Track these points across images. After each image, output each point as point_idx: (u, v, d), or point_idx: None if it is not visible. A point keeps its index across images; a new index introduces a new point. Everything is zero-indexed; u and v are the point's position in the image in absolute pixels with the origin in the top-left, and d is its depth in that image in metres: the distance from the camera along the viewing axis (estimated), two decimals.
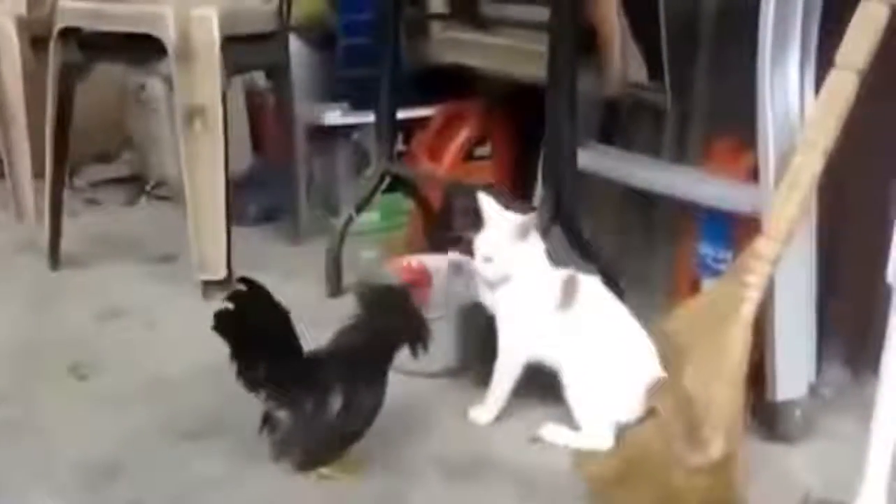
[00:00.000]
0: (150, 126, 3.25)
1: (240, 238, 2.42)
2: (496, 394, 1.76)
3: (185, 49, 2.23)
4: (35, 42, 2.86)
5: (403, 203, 2.69)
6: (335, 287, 2.37)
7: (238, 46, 2.32)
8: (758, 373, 1.64)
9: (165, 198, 3.19)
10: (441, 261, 2.17)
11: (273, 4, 2.55)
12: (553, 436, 1.71)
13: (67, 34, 2.40)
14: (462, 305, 1.94)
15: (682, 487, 1.46)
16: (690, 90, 2.07)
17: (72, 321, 2.25)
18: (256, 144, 3.16)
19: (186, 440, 1.72)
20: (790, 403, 1.69)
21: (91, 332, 2.18)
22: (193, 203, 2.31)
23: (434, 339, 1.77)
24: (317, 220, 2.79)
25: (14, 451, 1.71)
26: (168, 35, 2.22)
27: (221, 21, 2.25)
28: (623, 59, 2.10)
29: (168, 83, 2.33)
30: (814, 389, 1.72)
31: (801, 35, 1.60)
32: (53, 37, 2.41)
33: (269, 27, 2.53)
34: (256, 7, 2.57)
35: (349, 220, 2.38)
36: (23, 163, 2.92)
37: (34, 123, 2.73)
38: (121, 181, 3.36)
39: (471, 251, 2.21)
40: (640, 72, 2.11)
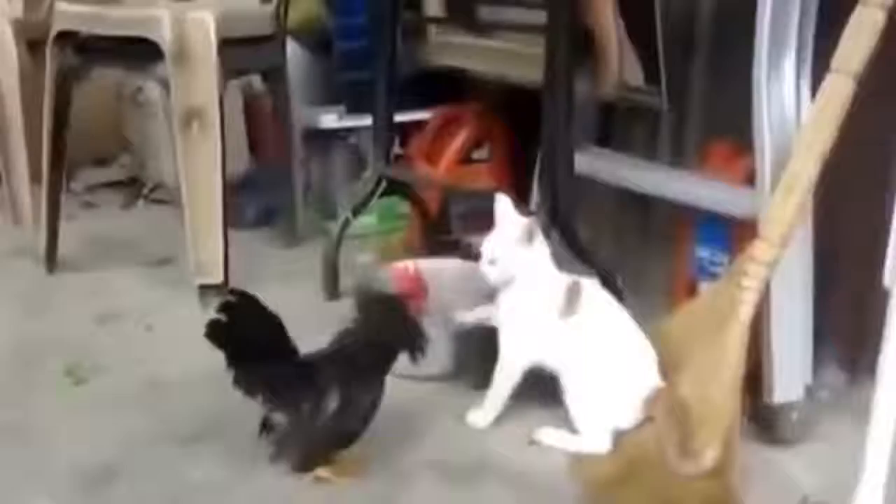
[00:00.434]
0: (148, 129, 3.25)
1: (237, 241, 2.42)
2: (494, 398, 1.76)
3: (182, 52, 2.23)
4: (32, 46, 2.87)
5: (400, 206, 2.69)
6: (332, 290, 2.37)
7: (234, 49, 2.32)
8: (755, 375, 1.64)
9: (163, 201, 3.19)
10: (439, 264, 2.18)
11: (269, 7, 2.55)
12: (550, 439, 1.71)
13: (64, 38, 2.40)
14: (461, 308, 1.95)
15: (680, 492, 1.46)
16: (687, 93, 2.08)
17: (69, 324, 2.25)
18: (254, 148, 3.16)
19: (184, 443, 1.72)
20: (787, 406, 1.69)
21: (88, 336, 2.18)
22: (190, 206, 2.30)
23: (431, 343, 1.78)
24: (314, 224, 2.79)
25: (11, 454, 1.70)
26: (164, 38, 2.22)
27: (218, 24, 2.25)
28: (619, 62, 2.11)
29: (165, 86, 2.32)
30: (811, 392, 1.72)
31: (798, 39, 1.61)
32: (50, 40, 2.41)
33: (266, 30, 2.53)
34: (253, 10, 2.57)
35: (346, 224, 2.38)
36: (20, 166, 2.92)
37: (31, 127, 2.72)
38: (118, 185, 3.35)
39: (467, 255, 2.22)
40: (637, 75, 2.11)
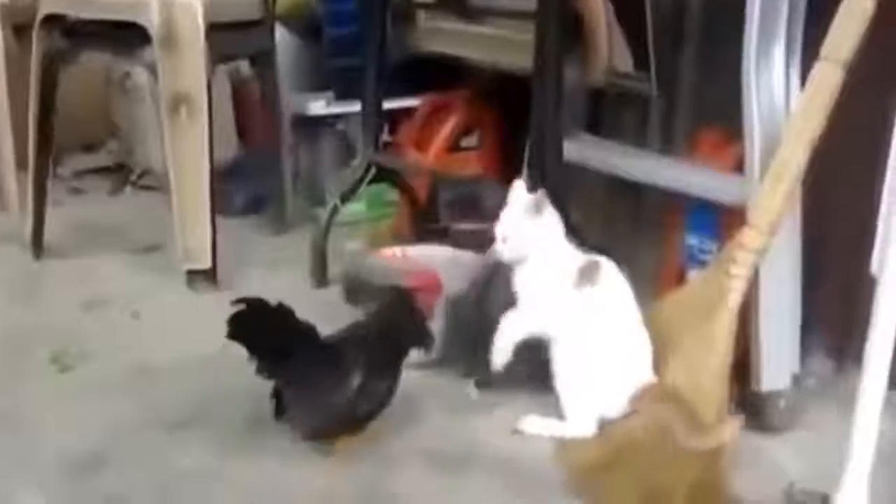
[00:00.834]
0: (136, 115, 3.24)
1: (225, 228, 2.41)
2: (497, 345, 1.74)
3: (169, 36, 2.22)
4: (18, 30, 2.85)
5: (389, 194, 2.68)
6: (320, 277, 2.36)
7: (223, 34, 2.31)
8: (743, 363, 1.65)
9: (151, 187, 3.18)
10: (427, 251, 2.18)
11: None
12: (534, 427, 1.71)
13: (51, 21, 2.39)
14: (451, 297, 1.94)
15: (668, 478, 1.46)
16: (677, 80, 2.07)
17: (55, 311, 2.24)
18: (242, 134, 3.15)
19: (171, 430, 1.72)
20: (775, 394, 1.70)
21: (75, 322, 2.17)
22: (178, 192, 2.29)
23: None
24: (302, 211, 2.78)
25: None
26: (152, 22, 2.21)
27: (206, 8, 2.24)
28: (609, 49, 2.10)
29: (152, 71, 2.31)
30: (798, 380, 1.72)
31: (787, 27, 1.60)
32: (37, 24, 2.40)
33: (255, 15, 2.52)
34: None
35: (334, 211, 2.37)
36: (6, 152, 2.91)
37: (17, 112, 2.71)
38: (105, 170, 3.34)
39: (456, 242, 2.22)
40: (626, 61, 2.10)
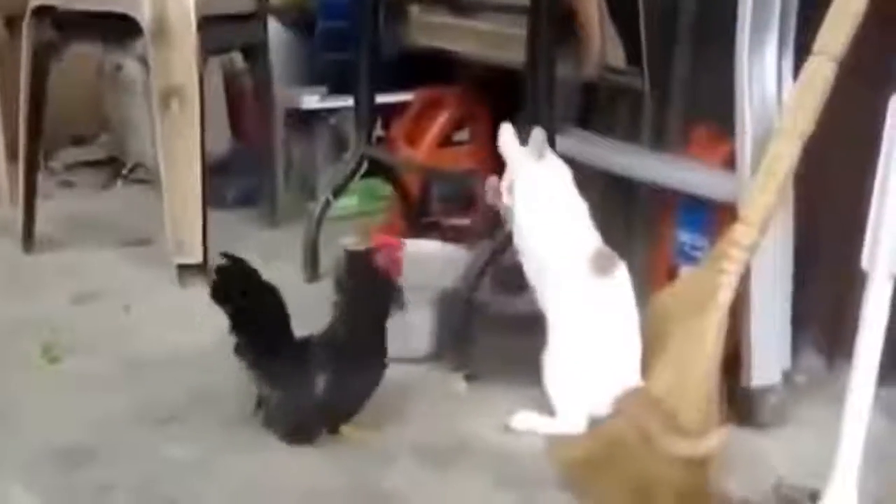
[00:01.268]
0: (128, 108, 3.22)
1: (217, 222, 2.40)
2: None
3: (161, 28, 2.21)
4: (9, 21, 2.83)
5: (382, 188, 2.68)
6: (312, 272, 2.35)
7: (215, 26, 2.30)
8: (733, 359, 1.65)
9: (142, 181, 3.16)
10: (420, 246, 2.17)
11: None
12: (524, 424, 1.70)
13: (42, 13, 2.38)
14: (441, 291, 1.94)
15: (658, 475, 1.46)
16: (669, 76, 2.07)
17: (45, 304, 2.23)
18: (235, 128, 3.13)
19: (160, 424, 1.71)
20: (765, 390, 1.70)
21: (65, 315, 2.16)
22: (169, 185, 2.29)
23: (412, 326, 1.77)
24: (295, 205, 2.77)
25: None
26: (143, 14, 2.20)
27: (198, 0, 2.23)
28: (601, 44, 2.09)
29: (144, 63, 2.30)
30: (788, 376, 1.72)
31: (780, 22, 1.60)
32: (27, 15, 2.39)
33: (247, 8, 2.52)
34: None
35: (326, 205, 2.37)
36: None
37: (8, 105, 2.69)
38: (97, 164, 3.33)
39: (448, 236, 2.21)
40: (619, 56, 2.10)
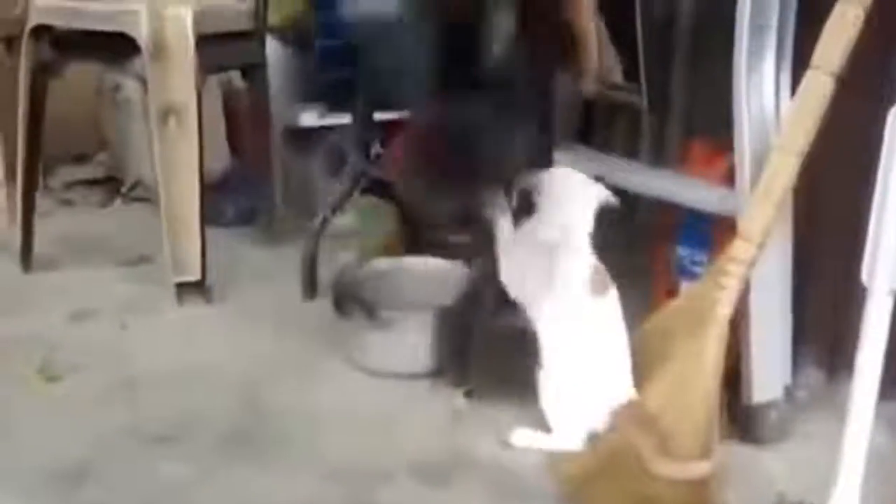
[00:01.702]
0: (126, 126, 3.22)
1: (216, 240, 2.40)
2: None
3: (159, 47, 2.21)
4: (7, 41, 2.83)
5: (382, 206, 2.67)
6: (311, 290, 2.34)
7: (213, 45, 2.30)
8: (734, 374, 1.64)
9: (141, 199, 3.16)
10: (420, 263, 2.17)
11: (249, 3, 2.53)
12: (524, 441, 1.70)
13: (40, 32, 2.37)
14: (440, 308, 1.93)
15: (658, 491, 1.45)
16: (668, 91, 2.07)
17: (43, 322, 2.22)
18: (233, 146, 3.13)
19: (156, 443, 1.70)
20: (766, 405, 1.69)
21: (63, 334, 2.15)
22: (167, 203, 2.28)
23: (411, 343, 1.76)
24: (293, 222, 2.76)
25: None
26: (141, 33, 2.20)
27: (195, 19, 2.23)
28: (600, 59, 2.10)
29: (142, 82, 2.30)
30: (789, 392, 1.71)
31: (777, 37, 1.60)
32: (25, 35, 2.39)
33: (245, 26, 2.51)
34: (232, 5, 2.54)
35: (324, 223, 2.36)
36: None
37: (6, 124, 2.69)
38: (96, 182, 3.32)
39: (449, 254, 2.21)
40: (617, 71, 2.10)
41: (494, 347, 1.94)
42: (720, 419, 1.53)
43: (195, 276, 2.29)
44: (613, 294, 1.71)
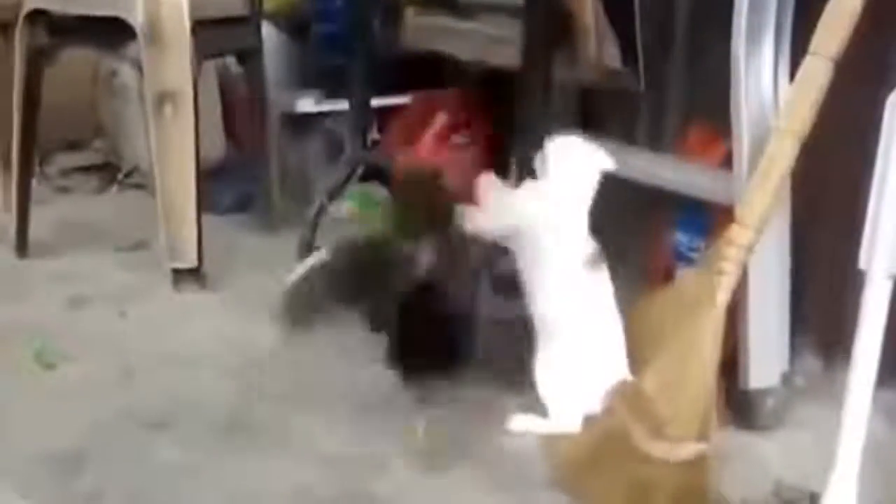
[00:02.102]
0: (123, 113, 3.21)
1: (212, 227, 2.40)
2: None
3: (155, 32, 2.21)
4: (2, 26, 2.82)
5: (378, 192, 2.67)
6: None
7: (209, 30, 2.29)
8: (731, 361, 1.64)
9: (137, 185, 3.15)
10: None
11: None
12: (521, 426, 1.69)
13: (35, 17, 2.37)
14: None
15: (654, 474, 1.45)
16: (665, 76, 2.07)
17: (39, 309, 2.22)
18: (230, 133, 3.13)
19: (153, 430, 1.70)
20: (763, 392, 1.69)
21: (59, 321, 2.15)
22: (163, 190, 2.28)
23: None
24: (290, 209, 2.76)
25: None
26: (137, 18, 2.19)
27: (192, 4, 2.23)
28: (598, 45, 2.09)
29: (138, 68, 2.29)
30: (786, 378, 1.71)
31: (776, 22, 1.59)
32: (20, 20, 2.38)
33: (241, 11, 2.51)
34: None
35: (321, 209, 2.36)
36: None
37: (1, 110, 2.68)
38: (92, 169, 3.31)
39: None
40: (615, 57, 2.09)
41: (492, 334, 1.94)
42: (717, 405, 1.53)
43: (191, 263, 2.28)
44: (605, 273, 1.70)
